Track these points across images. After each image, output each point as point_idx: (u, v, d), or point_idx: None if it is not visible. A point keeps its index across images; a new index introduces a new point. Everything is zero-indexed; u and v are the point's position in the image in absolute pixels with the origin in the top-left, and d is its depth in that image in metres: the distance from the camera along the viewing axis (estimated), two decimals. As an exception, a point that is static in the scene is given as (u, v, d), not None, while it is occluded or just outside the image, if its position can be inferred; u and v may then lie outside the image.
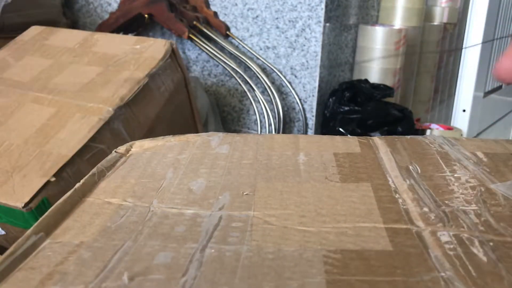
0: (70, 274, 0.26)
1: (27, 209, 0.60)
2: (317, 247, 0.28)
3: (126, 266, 0.27)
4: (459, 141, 0.46)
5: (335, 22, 1.42)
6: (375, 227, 0.30)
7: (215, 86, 1.51)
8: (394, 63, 1.52)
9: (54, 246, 0.29)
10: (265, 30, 1.40)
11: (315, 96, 1.41)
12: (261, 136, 0.50)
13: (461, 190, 0.36)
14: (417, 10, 1.66)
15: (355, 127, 1.35)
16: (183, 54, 1.50)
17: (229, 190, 0.37)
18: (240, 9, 1.41)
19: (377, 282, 0.25)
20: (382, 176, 0.38)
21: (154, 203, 0.35)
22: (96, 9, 1.56)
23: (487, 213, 0.32)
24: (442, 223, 0.31)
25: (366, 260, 0.27)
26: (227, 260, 0.27)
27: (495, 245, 0.28)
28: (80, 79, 0.82)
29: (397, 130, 1.35)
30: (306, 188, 0.37)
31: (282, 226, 0.31)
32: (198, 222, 0.32)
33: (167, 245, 0.29)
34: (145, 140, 0.48)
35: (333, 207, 0.33)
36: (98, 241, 0.30)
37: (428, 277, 0.25)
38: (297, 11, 1.35)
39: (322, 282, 0.25)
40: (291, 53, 1.39)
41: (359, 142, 0.46)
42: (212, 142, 0.47)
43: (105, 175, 0.40)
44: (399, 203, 0.34)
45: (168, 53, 0.87)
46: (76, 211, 0.34)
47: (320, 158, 0.43)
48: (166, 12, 1.33)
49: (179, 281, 0.25)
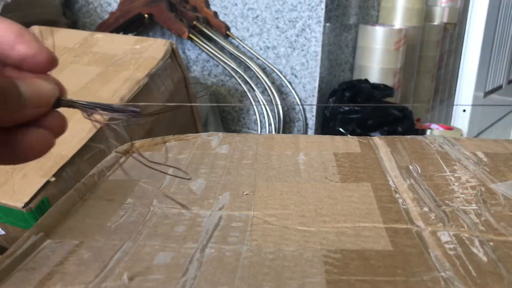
0: (70, 274, 0.26)
1: (27, 209, 0.60)
2: (317, 247, 0.28)
3: (126, 266, 0.27)
4: (459, 141, 0.46)
5: (335, 22, 1.42)
6: (375, 227, 0.30)
7: (215, 86, 1.51)
8: (394, 63, 1.52)
9: (54, 246, 0.29)
10: (265, 30, 1.40)
11: (315, 96, 1.40)
12: (261, 136, 0.50)
13: (461, 190, 0.36)
14: (417, 10, 1.66)
15: (355, 127, 1.35)
16: (183, 54, 1.50)
17: (229, 190, 0.37)
18: (240, 9, 1.41)
19: (377, 282, 0.25)
20: (382, 176, 0.38)
21: (154, 203, 0.35)
22: (96, 9, 1.56)
23: (487, 212, 0.32)
24: (442, 223, 0.31)
25: (366, 260, 0.27)
26: (227, 260, 0.27)
27: (495, 245, 0.28)
28: (80, 79, 0.82)
29: (397, 130, 1.35)
30: (306, 188, 0.37)
31: (282, 226, 0.31)
32: (198, 222, 0.32)
33: (167, 245, 0.29)
34: (145, 140, 0.48)
35: (333, 207, 0.33)
36: (98, 241, 0.30)
37: (428, 277, 0.25)
38: (297, 11, 1.35)
39: (322, 282, 0.25)
40: (291, 53, 1.39)
41: (359, 142, 0.46)
42: (212, 142, 0.47)
43: (105, 175, 0.40)
44: (399, 203, 0.34)
45: (168, 53, 0.87)
46: (76, 211, 0.34)
47: (320, 158, 0.43)
48: (166, 12, 1.33)
49: (179, 281, 0.25)
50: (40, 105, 0.25)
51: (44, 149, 0.25)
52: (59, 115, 0.26)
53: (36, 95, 0.24)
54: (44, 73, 0.25)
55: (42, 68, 0.25)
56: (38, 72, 0.25)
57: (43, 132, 0.25)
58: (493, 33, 2.06)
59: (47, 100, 0.25)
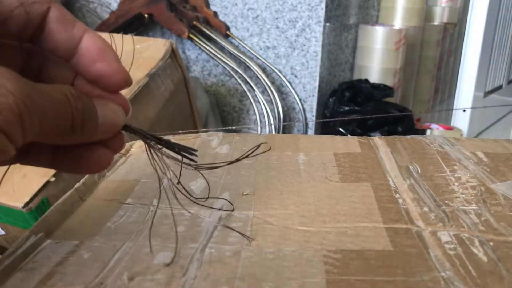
0: (70, 274, 0.26)
1: (27, 209, 0.60)
2: (317, 247, 0.28)
3: (126, 266, 0.27)
4: (459, 141, 0.46)
5: (335, 22, 1.42)
6: (375, 227, 0.30)
7: (215, 86, 1.51)
8: (394, 63, 1.52)
9: (54, 246, 0.29)
10: (265, 30, 1.40)
11: (315, 96, 1.40)
12: (261, 136, 0.50)
13: (461, 190, 0.36)
14: (417, 10, 1.66)
15: (355, 127, 1.35)
16: (183, 54, 1.50)
17: (229, 190, 0.37)
18: (240, 9, 1.41)
19: (377, 282, 0.25)
20: (382, 176, 0.38)
21: (154, 203, 0.35)
22: (96, 9, 1.56)
23: (487, 212, 0.32)
24: (442, 223, 0.31)
25: (366, 260, 0.27)
26: (227, 260, 0.27)
27: (495, 245, 0.28)
28: (80, 79, 0.81)
29: (397, 130, 1.35)
30: (306, 188, 0.37)
31: (282, 226, 0.31)
32: (198, 222, 0.32)
33: (167, 245, 0.29)
34: (145, 140, 0.47)
35: (333, 207, 0.33)
36: (98, 241, 0.30)
37: (428, 277, 0.25)
38: (297, 11, 1.35)
39: (322, 282, 0.25)
40: (291, 53, 1.39)
41: (359, 142, 0.46)
42: (212, 142, 0.47)
43: (104, 175, 0.40)
44: (399, 203, 0.34)
45: (168, 53, 0.86)
46: (76, 211, 0.34)
47: (320, 158, 0.43)
48: (166, 12, 1.33)
49: (179, 281, 0.25)
50: (110, 132, 0.26)
51: (105, 165, 0.26)
52: (120, 136, 0.27)
53: (110, 123, 0.25)
54: (116, 92, 0.26)
55: (116, 87, 0.26)
56: (111, 90, 0.26)
57: (105, 151, 0.26)
58: (493, 33, 2.06)
59: (117, 128, 0.26)
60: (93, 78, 0.25)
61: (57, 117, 0.22)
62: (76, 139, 0.24)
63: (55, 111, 0.22)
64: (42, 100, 0.21)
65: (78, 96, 0.23)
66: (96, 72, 0.25)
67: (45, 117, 0.21)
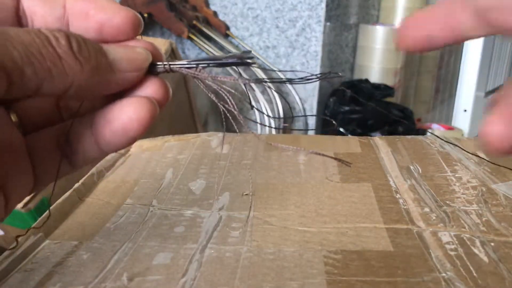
0: (69, 275, 0.26)
1: (26, 210, 0.59)
2: (318, 247, 0.28)
3: (126, 266, 0.27)
4: (460, 141, 0.46)
5: (336, 21, 1.42)
6: (376, 228, 0.30)
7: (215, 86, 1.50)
8: (394, 63, 1.52)
9: (53, 247, 0.29)
10: (265, 30, 1.40)
11: (315, 96, 1.40)
12: (261, 136, 0.49)
13: (462, 190, 0.36)
14: (417, 10, 1.65)
15: (355, 127, 1.35)
16: (183, 54, 1.49)
17: (229, 190, 0.36)
18: (240, 9, 1.41)
19: (377, 283, 0.25)
20: (382, 176, 0.38)
21: (153, 203, 0.35)
22: (96, 9, 1.55)
23: (489, 213, 0.32)
24: (443, 223, 0.31)
25: (367, 261, 0.27)
26: (227, 261, 0.27)
27: (496, 245, 0.28)
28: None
29: (397, 130, 1.35)
30: (306, 188, 0.36)
31: (282, 226, 0.31)
32: (198, 222, 0.32)
33: (166, 245, 0.29)
34: (145, 140, 0.47)
35: (333, 207, 0.33)
36: (97, 241, 0.30)
37: (429, 278, 0.25)
38: (297, 10, 1.35)
39: (322, 283, 0.25)
40: (291, 53, 1.39)
41: (360, 142, 0.46)
42: (212, 142, 0.47)
43: (104, 175, 0.40)
44: (400, 203, 0.34)
45: (167, 53, 0.86)
46: (75, 211, 0.34)
47: (320, 158, 0.42)
48: (165, 12, 1.33)
49: (178, 281, 0.25)
50: (131, 69, 0.22)
51: (147, 119, 0.22)
52: (157, 80, 0.23)
53: (126, 57, 0.21)
54: (130, 39, 0.22)
55: (124, 32, 0.22)
56: (123, 38, 0.22)
57: (141, 101, 0.22)
58: (494, 32, 2.06)
59: (139, 64, 0.22)
60: (98, 33, 0.22)
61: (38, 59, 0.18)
62: (93, 83, 0.20)
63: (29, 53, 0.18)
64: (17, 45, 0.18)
65: (62, 35, 0.19)
66: (94, 24, 0.21)
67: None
